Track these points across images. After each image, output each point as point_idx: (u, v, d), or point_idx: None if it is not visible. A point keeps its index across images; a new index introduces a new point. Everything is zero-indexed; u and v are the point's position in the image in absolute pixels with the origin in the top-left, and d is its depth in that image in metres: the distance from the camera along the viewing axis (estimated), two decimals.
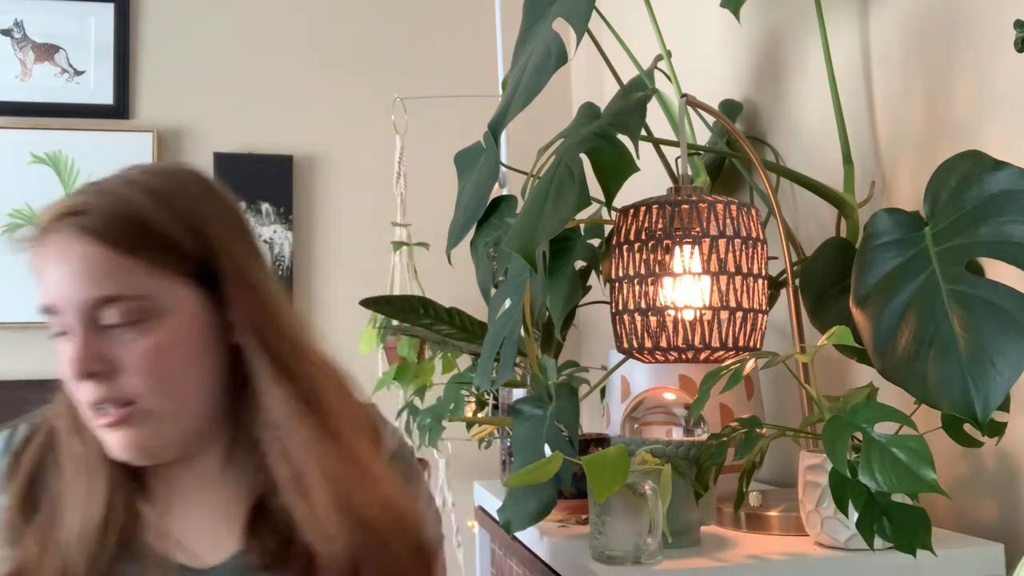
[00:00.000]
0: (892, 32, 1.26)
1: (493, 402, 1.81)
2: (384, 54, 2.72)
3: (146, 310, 0.80)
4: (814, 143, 1.43)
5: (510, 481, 0.94)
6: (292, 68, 2.67)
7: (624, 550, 0.91)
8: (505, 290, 1.23)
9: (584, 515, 1.14)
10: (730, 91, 1.69)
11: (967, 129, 1.12)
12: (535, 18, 1.28)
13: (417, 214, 2.40)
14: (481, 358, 1.28)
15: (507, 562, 1.36)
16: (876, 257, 0.96)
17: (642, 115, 1.13)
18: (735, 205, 1.06)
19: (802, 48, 1.47)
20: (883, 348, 0.89)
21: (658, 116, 1.46)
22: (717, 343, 1.04)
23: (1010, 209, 0.86)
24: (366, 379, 2.34)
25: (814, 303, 1.13)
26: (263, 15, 2.68)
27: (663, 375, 1.25)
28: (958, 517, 1.11)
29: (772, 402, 1.46)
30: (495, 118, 1.22)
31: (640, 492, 0.90)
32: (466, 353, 1.59)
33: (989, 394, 0.80)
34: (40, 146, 2.53)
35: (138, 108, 2.61)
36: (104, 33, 2.60)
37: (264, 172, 2.61)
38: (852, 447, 0.85)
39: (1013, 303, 0.82)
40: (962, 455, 1.10)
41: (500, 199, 1.42)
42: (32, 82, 2.57)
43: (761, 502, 1.11)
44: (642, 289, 1.06)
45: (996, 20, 1.07)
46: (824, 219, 1.38)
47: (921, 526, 0.83)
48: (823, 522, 0.94)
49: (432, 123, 2.56)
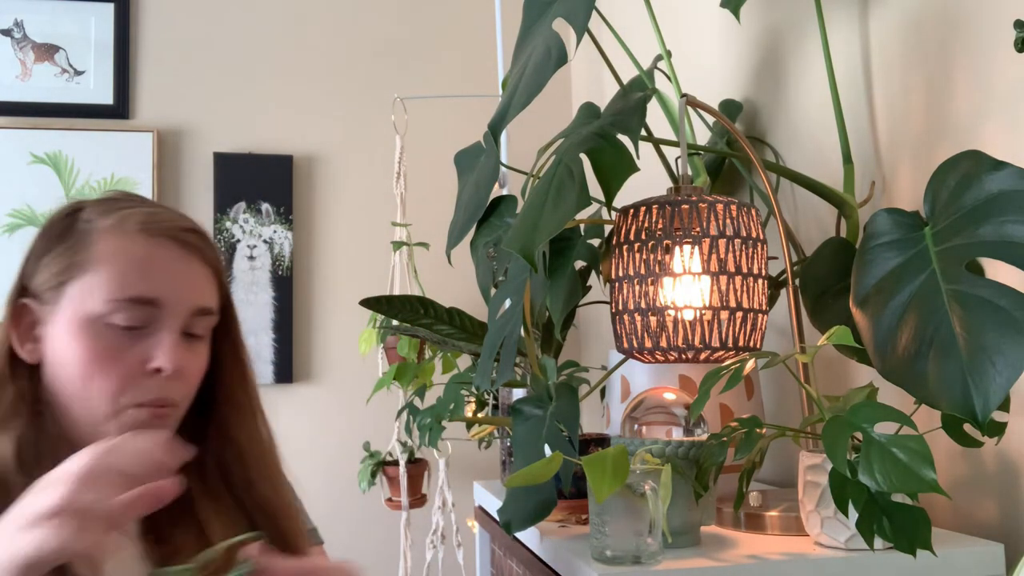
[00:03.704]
0: (892, 32, 1.26)
1: (493, 402, 1.81)
2: (384, 54, 2.72)
3: (209, 330, 0.90)
4: (814, 143, 1.43)
5: (510, 481, 0.94)
6: (292, 68, 2.67)
7: (624, 550, 0.91)
8: (505, 290, 1.23)
9: (584, 515, 1.14)
10: (730, 91, 1.69)
11: (967, 129, 1.12)
12: (535, 18, 1.28)
13: (417, 214, 2.40)
14: (481, 358, 1.28)
15: (507, 562, 1.36)
16: (876, 257, 0.96)
17: (642, 115, 1.13)
18: (735, 205, 1.06)
19: (802, 48, 1.47)
20: (883, 348, 0.89)
21: (658, 116, 1.46)
22: (717, 343, 1.04)
23: (1010, 209, 0.86)
24: (366, 379, 2.35)
25: (814, 303, 1.13)
26: (263, 15, 2.68)
27: (663, 375, 1.25)
28: (958, 517, 1.11)
29: (772, 402, 1.46)
30: (495, 118, 1.22)
31: (640, 492, 0.90)
32: (466, 353, 1.59)
33: (989, 394, 0.80)
34: (40, 146, 2.53)
35: (138, 108, 2.61)
36: (104, 33, 2.60)
37: (264, 172, 2.61)
38: (852, 447, 0.85)
39: (1013, 303, 0.82)
40: (962, 455, 1.10)
41: (500, 199, 1.42)
42: (32, 82, 2.57)
43: (761, 502, 1.11)
44: (642, 289, 1.06)
45: (996, 20, 1.07)
46: (824, 219, 1.38)
47: (921, 526, 0.83)
48: (823, 522, 0.94)
49: (432, 123, 2.56)
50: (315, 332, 2.58)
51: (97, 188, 2.55)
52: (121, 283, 0.83)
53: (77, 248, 0.84)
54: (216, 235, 2.59)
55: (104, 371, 0.82)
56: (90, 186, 2.54)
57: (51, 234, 0.87)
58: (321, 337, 2.59)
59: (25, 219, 2.51)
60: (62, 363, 0.83)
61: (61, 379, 0.84)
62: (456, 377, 1.86)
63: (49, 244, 0.87)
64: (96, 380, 0.82)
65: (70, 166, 2.55)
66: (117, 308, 0.82)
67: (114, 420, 0.83)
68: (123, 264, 0.84)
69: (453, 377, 1.87)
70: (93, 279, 0.83)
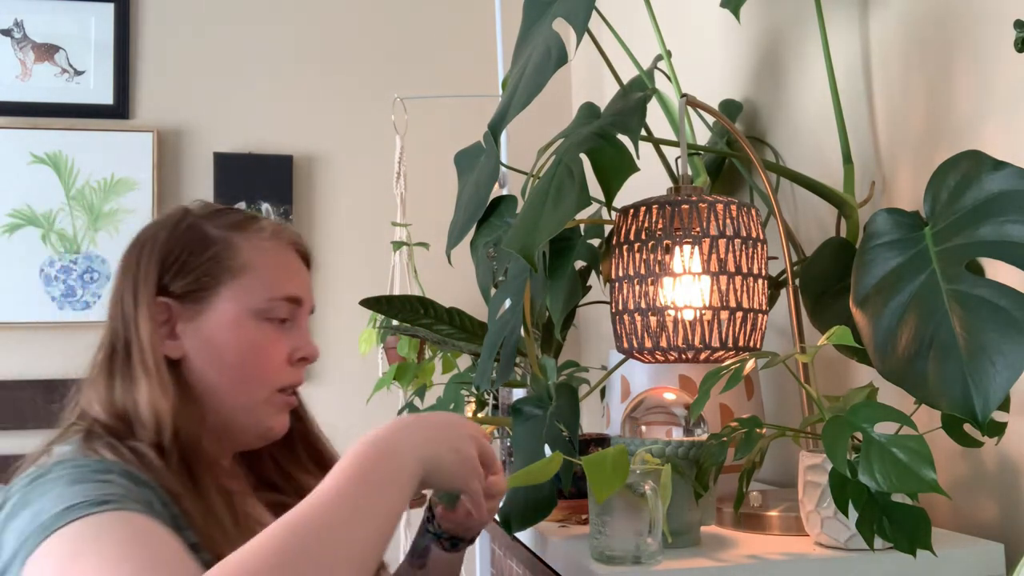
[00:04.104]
0: (892, 32, 1.26)
1: (493, 402, 1.81)
2: (384, 54, 2.72)
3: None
4: (814, 143, 1.43)
5: (510, 481, 0.94)
6: (292, 68, 2.67)
7: (624, 550, 0.91)
8: (505, 290, 1.23)
9: (584, 515, 1.14)
10: (730, 91, 1.69)
11: (967, 129, 1.12)
12: (535, 18, 1.28)
13: (417, 214, 2.40)
14: (481, 358, 1.28)
15: (507, 562, 1.36)
16: (876, 257, 0.96)
17: (642, 115, 1.13)
18: (735, 205, 1.05)
19: (802, 48, 1.47)
20: (883, 348, 0.89)
21: (658, 116, 1.46)
22: (717, 343, 1.04)
23: (1010, 209, 0.86)
24: (366, 379, 2.35)
25: (814, 303, 1.13)
26: (263, 15, 2.68)
27: (663, 375, 1.25)
28: (958, 517, 1.11)
29: (772, 402, 1.46)
30: (495, 118, 1.22)
31: (640, 492, 0.90)
32: (466, 353, 1.59)
33: (989, 394, 0.80)
34: (40, 146, 2.53)
35: (138, 108, 2.61)
36: (104, 33, 2.60)
37: (264, 172, 2.61)
38: (852, 447, 0.85)
39: (1013, 303, 0.82)
40: (962, 455, 1.10)
41: (500, 199, 1.42)
42: (32, 82, 2.57)
43: (761, 502, 1.11)
44: (642, 289, 1.06)
45: (996, 20, 1.07)
46: (824, 219, 1.38)
47: (921, 526, 0.83)
48: (823, 522, 0.94)
49: (432, 123, 2.56)
50: (315, 332, 2.57)
51: (97, 188, 2.55)
52: (277, 283, 0.96)
53: (222, 256, 0.94)
54: None
55: (265, 360, 0.94)
56: (90, 186, 2.54)
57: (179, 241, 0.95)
58: (321, 337, 2.58)
59: (25, 219, 2.51)
60: (219, 354, 0.92)
61: (215, 369, 0.92)
62: (456, 377, 1.86)
63: (179, 251, 0.94)
64: (257, 368, 0.94)
65: (70, 166, 2.55)
66: (275, 305, 0.95)
67: (264, 404, 0.94)
68: (275, 267, 0.96)
69: (453, 377, 1.87)
70: (250, 280, 0.94)
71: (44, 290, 2.49)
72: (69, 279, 2.52)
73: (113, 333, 0.92)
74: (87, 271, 2.53)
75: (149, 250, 0.94)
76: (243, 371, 0.93)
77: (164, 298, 0.92)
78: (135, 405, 0.87)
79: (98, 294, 2.52)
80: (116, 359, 0.90)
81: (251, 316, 0.93)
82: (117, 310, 0.93)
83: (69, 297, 2.50)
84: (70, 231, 2.53)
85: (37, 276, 2.49)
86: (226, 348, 0.92)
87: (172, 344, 0.92)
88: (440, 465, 0.82)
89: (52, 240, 2.52)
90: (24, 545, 0.71)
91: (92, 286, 2.52)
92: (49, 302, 2.49)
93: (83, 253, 2.53)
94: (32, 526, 0.71)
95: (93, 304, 2.51)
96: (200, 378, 0.92)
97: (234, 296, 0.93)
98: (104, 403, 0.88)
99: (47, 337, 2.48)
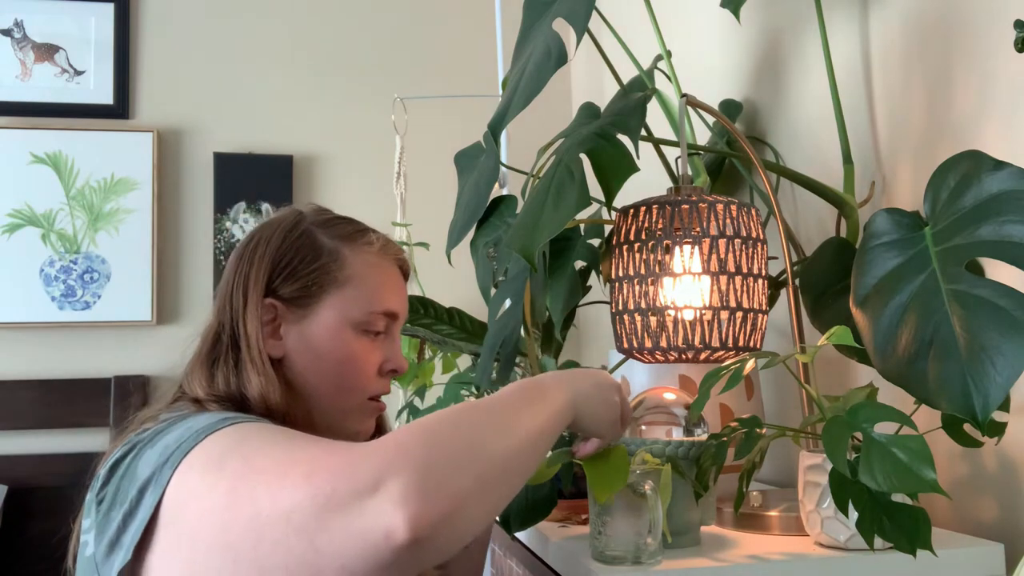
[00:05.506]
0: (892, 32, 1.26)
1: None
2: (384, 54, 2.72)
3: None
4: (814, 143, 1.43)
5: None
6: (292, 68, 2.67)
7: (624, 550, 0.91)
8: (505, 290, 1.23)
9: (584, 515, 1.14)
10: (730, 91, 1.69)
11: (967, 129, 1.12)
12: (535, 18, 1.28)
13: (417, 214, 2.40)
14: (481, 358, 1.28)
15: (507, 562, 1.36)
16: (876, 257, 0.96)
17: (642, 115, 1.13)
18: (735, 205, 1.05)
19: (802, 48, 1.47)
20: (883, 348, 0.89)
21: (658, 116, 1.46)
22: (717, 343, 1.04)
23: (1010, 209, 0.86)
24: None
25: (814, 303, 1.13)
26: (263, 15, 2.68)
27: (663, 375, 1.25)
28: (958, 517, 1.11)
29: (772, 402, 1.46)
30: (495, 118, 1.22)
31: (640, 492, 0.90)
32: (466, 353, 1.59)
33: (989, 394, 0.80)
34: (40, 146, 2.53)
35: (138, 108, 2.61)
36: (104, 33, 2.61)
37: (264, 172, 2.61)
38: (852, 447, 0.85)
39: (1013, 303, 0.82)
40: (962, 455, 1.10)
41: (500, 199, 1.42)
42: (32, 82, 2.57)
43: (761, 502, 1.11)
44: (642, 289, 1.06)
45: (996, 20, 1.07)
46: (824, 219, 1.38)
47: (921, 526, 0.83)
48: (823, 522, 0.94)
49: (432, 123, 2.56)
50: None
51: (97, 188, 2.55)
52: (378, 298, 0.98)
53: (331, 267, 0.97)
54: (216, 235, 2.59)
55: (359, 370, 0.97)
56: (90, 186, 2.55)
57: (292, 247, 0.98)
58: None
59: (25, 219, 2.51)
60: (318, 359, 0.95)
61: (312, 372, 0.95)
62: (456, 377, 1.86)
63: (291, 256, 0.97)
64: (351, 378, 0.97)
65: (70, 166, 2.55)
66: (373, 319, 0.98)
67: (355, 410, 0.98)
68: (378, 282, 0.99)
69: (453, 377, 1.87)
70: (354, 293, 0.97)
71: (44, 290, 2.49)
72: (69, 279, 2.52)
73: (219, 325, 0.95)
74: (87, 271, 2.53)
75: (262, 252, 0.97)
76: (339, 379, 0.96)
77: (272, 299, 0.95)
78: (244, 393, 0.90)
79: (98, 294, 2.52)
80: (222, 349, 0.93)
81: (351, 327, 0.96)
82: (226, 304, 0.96)
83: (69, 297, 2.50)
84: (70, 231, 2.53)
85: (37, 276, 2.49)
86: (325, 355, 0.96)
87: (275, 343, 0.95)
88: (593, 411, 0.86)
89: (52, 240, 2.52)
90: (170, 460, 0.74)
91: (92, 286, 2.52)
92: (49, 302, 2.49)
93: (83, 253, 2.53)
94: (174, 445, 0.75)
95: (93, 304, 2.51)
96: (298, 378, 0.95)
97: (337, 306, 0.96)
98: (208, 389, 0.91)
99: (47, 337, 2.48)
